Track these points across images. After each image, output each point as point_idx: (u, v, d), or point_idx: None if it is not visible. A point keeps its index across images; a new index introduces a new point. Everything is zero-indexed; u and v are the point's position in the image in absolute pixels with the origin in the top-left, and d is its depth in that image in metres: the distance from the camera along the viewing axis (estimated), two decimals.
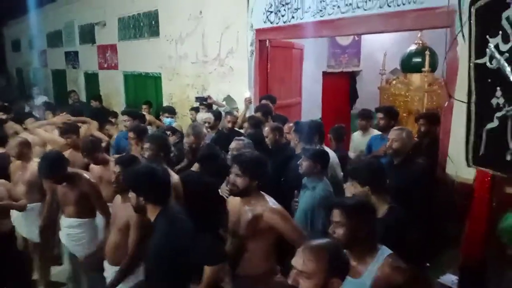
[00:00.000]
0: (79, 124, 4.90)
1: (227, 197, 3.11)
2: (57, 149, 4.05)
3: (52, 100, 11.21)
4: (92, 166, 3.85)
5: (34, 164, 3.77)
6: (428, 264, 2.77)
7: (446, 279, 2.59)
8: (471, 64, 2.55)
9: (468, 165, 2.66)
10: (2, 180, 3.58)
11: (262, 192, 2.53)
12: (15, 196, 3.66)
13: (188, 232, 2.27)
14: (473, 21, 2.55)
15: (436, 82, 5.57)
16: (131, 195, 2.32)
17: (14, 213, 3.77)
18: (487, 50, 2.45)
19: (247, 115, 5.11)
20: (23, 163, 3.99)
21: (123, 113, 5.34)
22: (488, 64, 2.46)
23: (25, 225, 3.94)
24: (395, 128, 3.55)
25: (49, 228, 3.87)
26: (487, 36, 2.45)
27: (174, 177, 3.21)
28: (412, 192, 3.04)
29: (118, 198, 2.92)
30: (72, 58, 11.76)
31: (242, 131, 4.75)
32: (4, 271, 3.43)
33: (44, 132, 4.85)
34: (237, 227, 2.52)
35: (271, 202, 2.48)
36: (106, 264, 2.90)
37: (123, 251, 2.78)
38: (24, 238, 4.05)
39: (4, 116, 6.35)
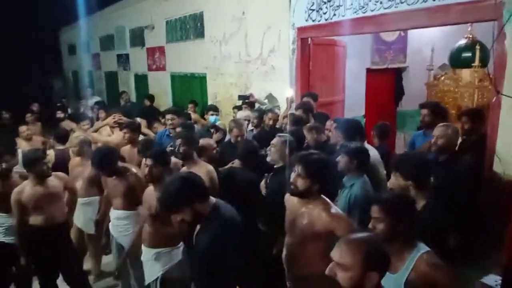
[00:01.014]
0: None
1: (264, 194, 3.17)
2: None
3: (105, 100, 11.77)
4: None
5: None
6: (470, 263, 2.69)
7: (489, 280, 2.50)
8: None
9: None
10: (60, 173, 3.81)
11: (323, 196, 2.44)
12: (73, 189, 3.94)
13: (238, 233, 2.24)
14: None
15: (487, 77, 5.35)
16: (181, 215, 2.19)
17: None
18: None
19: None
20: (82, 160, 4.28)
21: (167, 111, 5.44)
22: None
23: (82, 217, 4.21)
24: (440, 124, 3.46)
25: (104, 221, 4.09)
26: None
27: (207, 168, 3.39)
28: (457, 190, 2.97)
29: (150, 187, 3.14)
30: (123, 60, 12.34)
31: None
32: (58, 261, 3.67)
33: (98, 136, 5.14)
34: (293, 227, 2.49)
35: (331, 207, 2.40)
36: (143, 247, 3.08)
37: (159, 235, 2.97)
38: (79, 229, 4.32)
39: (62, 115, 6.82)
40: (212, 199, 2.30)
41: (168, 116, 5.13)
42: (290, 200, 2.57)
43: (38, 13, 13.99)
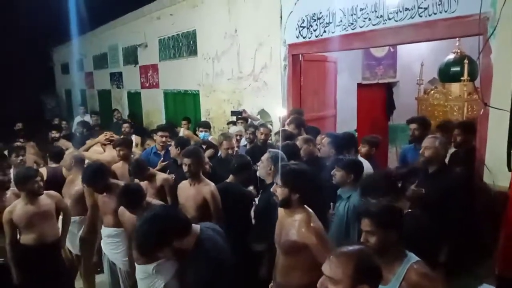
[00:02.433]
0: None
1: None
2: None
3: (98, 118, 11.70)
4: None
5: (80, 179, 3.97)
6: (464, 273, 2.70)
7: None
8: None
9: (510, 170, 2.61)
10: (52, 192, 3.76)
11: (307, 207, 2.44)
12: (65, 208, 3.89)
13: (226, 266, 2.11)
14: None
15: (476, 91, 5.44)
16: (161, 254, 2.11)
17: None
18: None
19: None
20: (74, 177, 4.21)
21: (159, 128, 5.36)
22: None
23: (68, 237, 4.10)
24: (429, 136, 3.51)
25: (90, 241, 4.04)
26: None
27: (211, 187, 3.35)
28: (448, 200, 2.99)
29: None
30: (116, 78, 12.37)
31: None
32: (49, 281, 3.59)
33: (89, 154, 5.11)
34: (279, 238, 2.51)
35: (313, 220, 2.39)
36: (137, 266, 3.05)
37: None
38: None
39: (57, 135, 6.81)
40: (196, 229, 2.11)
41: (160, 133, 5.09)
42: (280, 212, 2.60)
43: (31, 32, 14.09)
